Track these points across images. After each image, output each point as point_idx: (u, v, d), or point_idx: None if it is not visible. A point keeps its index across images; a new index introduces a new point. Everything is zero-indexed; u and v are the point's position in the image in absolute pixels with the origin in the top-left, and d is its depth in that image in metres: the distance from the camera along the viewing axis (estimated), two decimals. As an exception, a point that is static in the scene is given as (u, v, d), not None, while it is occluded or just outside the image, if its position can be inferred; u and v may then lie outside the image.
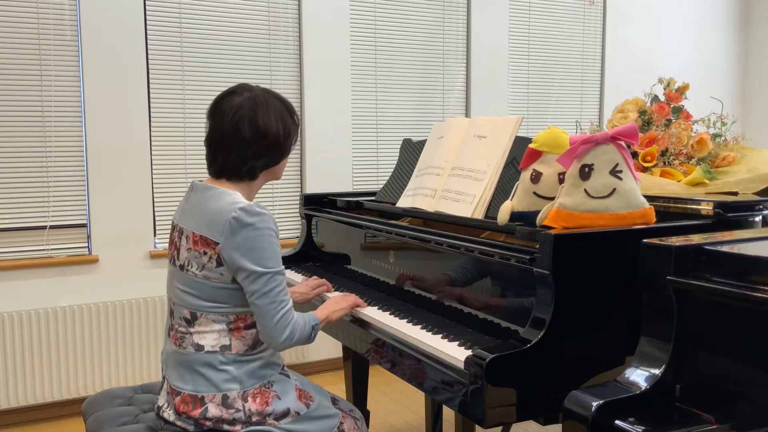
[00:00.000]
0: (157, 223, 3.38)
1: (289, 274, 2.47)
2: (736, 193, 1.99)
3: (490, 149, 1.96)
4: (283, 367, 1.77)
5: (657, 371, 1.31)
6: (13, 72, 3.06)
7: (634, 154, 2.15)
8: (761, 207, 1.77)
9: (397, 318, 1.84)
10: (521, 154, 1.73)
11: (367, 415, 2.61)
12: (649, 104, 2.34)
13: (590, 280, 1.52)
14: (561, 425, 1.31)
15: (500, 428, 2.54)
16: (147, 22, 3.29)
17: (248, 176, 1.70)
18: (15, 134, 3.08)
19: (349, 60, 3.78)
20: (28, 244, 3.15)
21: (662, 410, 1.30)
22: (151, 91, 3.33)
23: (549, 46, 4.40)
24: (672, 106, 2.30)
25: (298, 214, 3.70)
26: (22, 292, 3.11)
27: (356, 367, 2.66)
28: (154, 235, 3.38)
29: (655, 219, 1.62)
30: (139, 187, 3.31)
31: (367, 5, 3.82)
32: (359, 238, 2.31)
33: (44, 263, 3.14)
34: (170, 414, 1.68)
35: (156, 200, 3.38)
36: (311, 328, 1.69)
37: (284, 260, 1.81)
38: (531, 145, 1.69)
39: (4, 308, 3.07)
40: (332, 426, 1.76)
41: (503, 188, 1.88)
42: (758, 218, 1.75)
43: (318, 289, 2.15)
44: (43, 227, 3.16)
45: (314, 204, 2.69)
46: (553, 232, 1.49)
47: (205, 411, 1.62)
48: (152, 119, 3.35)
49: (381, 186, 2.52)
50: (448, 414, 2.97)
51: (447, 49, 4.07)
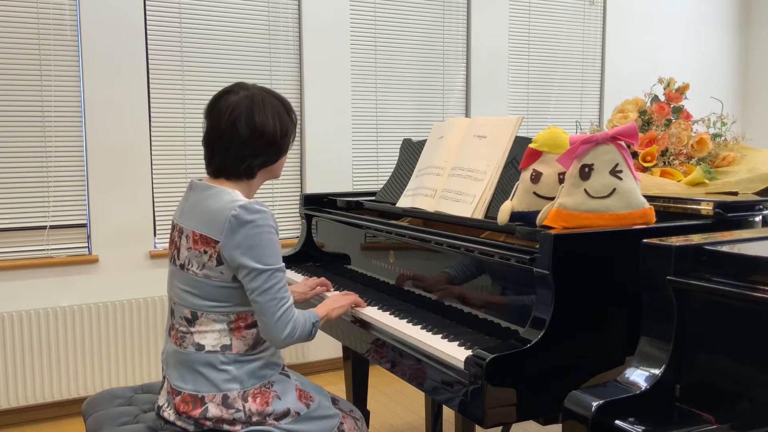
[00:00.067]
0: (157, 223, 3.38)
1: (289, 274, 2.47)
2: (736, 193, 1.99)
3: (490, 149, 1.96)
4: (283, 367, 1.77)
5: (657, 371, 1.31)
6: (13, 72, 3.06)
7: (634, 154, 2.15)
8: (761, 207, 1.77)
9: (397, 318, 1.84)
10: (521, 154, 1.73)
11: (367, 415, 2.61)
12: (649, 104, 2.34)
13: (590, 280, 1.52)
14: (561, 425, 1.31)
15: (500, 428, 2.54)
16: (147, 22, 3.29)
17: (246, 175, 1.70)
18: (15, 134, 3.08)
19: (349, 60, 3.78)
20: (28, 244, 3.15)
21: (662, 410, 1.30)
22: (151, 91, 3.33)
23: (549, 46, 4.40)
24: (672, 106, 2.30)
25: (298, 214, 3.70)
26: (22, 292, 3.11)
27: (356, 367, 2.66)
28: (154, 235, 3.38)
29: (655, 219, 1.62)
30: (139, 187, 3.31)
31: (367, 5, 3.82)
32: (359, 238, 2.31)
33: (44, 263, 3.14)
34: (170, 414, 1.68)
35: (156, 200, 3.38)
36: (312, 325, 1.69)
37: (284, 260, 1.80)
38: (531, 145, 1.69)
39: (4, 308, 3.08)
40: (332, 426, 1.76)
41: (503, 188, 1.88)
42: (758, 218, 1.75)
43: (317, 289, 2.15)
44: (43, 227, 3.16)
45: (314, 204, 2.69)
46: (553, 232, 1.49)
47: (205, 411, 1.62)
48: (152, 119, 3.35)
49: (381, 186, 2.52)
50: (448, 414, 2.97)
51: (447, 49, 4.07)
